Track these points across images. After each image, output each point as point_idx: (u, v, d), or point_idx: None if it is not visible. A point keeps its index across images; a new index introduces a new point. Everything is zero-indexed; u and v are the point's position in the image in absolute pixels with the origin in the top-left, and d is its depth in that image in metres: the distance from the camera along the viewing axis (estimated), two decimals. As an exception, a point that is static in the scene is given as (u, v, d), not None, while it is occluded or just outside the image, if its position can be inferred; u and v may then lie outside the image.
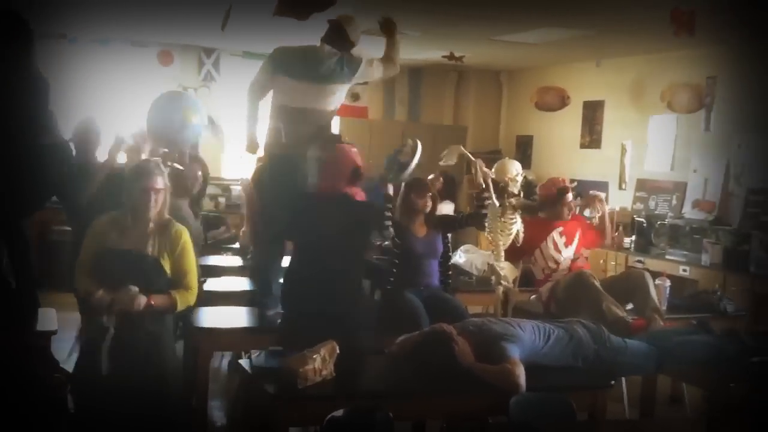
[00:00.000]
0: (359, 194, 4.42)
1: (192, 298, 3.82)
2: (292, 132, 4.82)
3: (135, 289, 3.58)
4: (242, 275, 5.98)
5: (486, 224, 5.25)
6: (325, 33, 4.97)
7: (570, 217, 5.79)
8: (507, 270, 5.59)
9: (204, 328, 4.60)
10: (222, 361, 6.45)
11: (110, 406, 3.46)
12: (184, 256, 3.78)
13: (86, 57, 9.33)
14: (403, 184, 5.14)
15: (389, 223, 4.91)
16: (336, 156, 4.43)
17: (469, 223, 5.42)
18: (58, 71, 9.00)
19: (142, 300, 3.59)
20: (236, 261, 6.58)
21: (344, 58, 4.90)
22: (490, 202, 5.14)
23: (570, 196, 5.79)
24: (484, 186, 5.17)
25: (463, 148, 5.33)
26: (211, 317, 4.76)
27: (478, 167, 5.19)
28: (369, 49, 5.55)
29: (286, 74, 4.82)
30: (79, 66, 9.21)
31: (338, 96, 4.95)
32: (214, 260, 6.62)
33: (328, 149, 4.55)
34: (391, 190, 4.94)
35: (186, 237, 3.80)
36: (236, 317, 4.92)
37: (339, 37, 4.91)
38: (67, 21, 8.22)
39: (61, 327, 4.41)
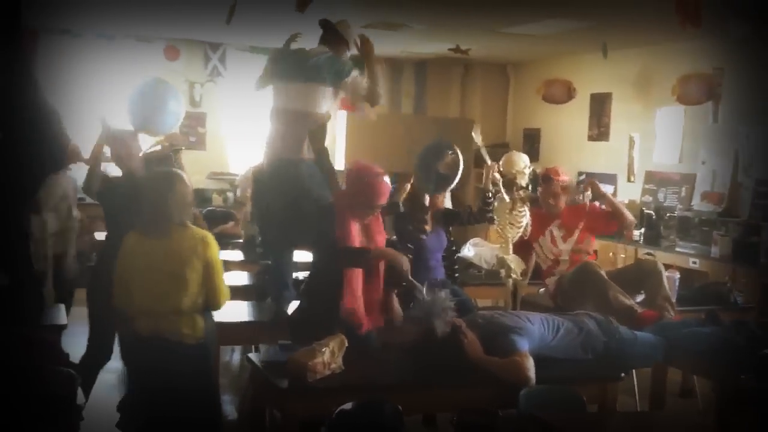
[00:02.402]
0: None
1: None
2: (283, 135, 4.81)
3: None
4: (248, 270, 5.97)
5: (494, 218, 5.29)
6: (323, 33, 4.99)
7: (560, 207, 5.74)
8: (515, 263, 5.60)
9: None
10: (232, 355, 6.46)
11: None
12: None
13: (91, 53, 9.32)
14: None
15: (425, 230, 4.92)
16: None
17: (472, 221, 5.45)
18: (62, 67, 9.04)
19: None
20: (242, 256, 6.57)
21: (333, 59, 4.84)
22: (493, 206, 5.21)
23: (556, 185, 5.73)
24: (492, 190, 5.20)
25: (483, 150, 5.36)
26: (219, 311, 4.75)
27: (491, 172, 5.21)
28: (374, 41, 5.49)
29: (276, 76, 4.88)
30: (84, 62, 9.21)
31: (325, 98, 4.85)
32: (221, 255, 6.61)
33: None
34: (427, 200, 4.94)
35: None
36: (243, 311, 4.92)
37: (330, 35, 4.92)
38: (71, 16, 8.21)
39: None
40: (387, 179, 4.21)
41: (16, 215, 4.23)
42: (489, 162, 5.28)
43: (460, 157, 4.91)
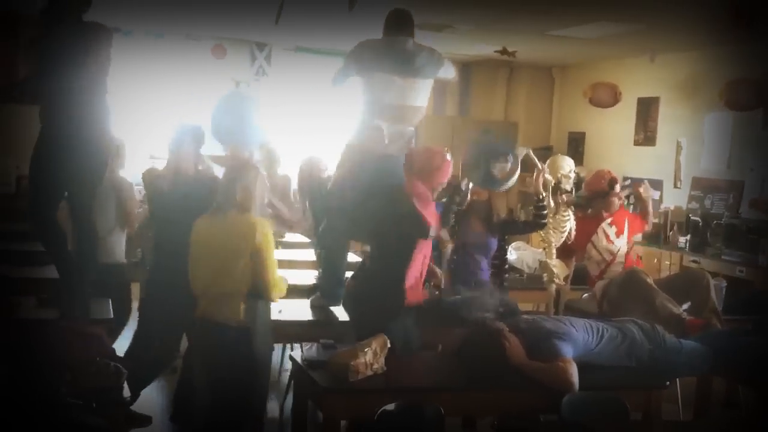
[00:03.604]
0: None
1: None
2: (394, 130, 4.78)
3: None
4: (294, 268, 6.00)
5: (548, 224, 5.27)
6: (396, 24, 4.88)
7: (619, 207, 5.73)
8: (558, 268, 5.56)
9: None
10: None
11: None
12: None
13: (141, 50, 9.45)
14: None
15: (453, 209, 4.85)
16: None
17: (528, 230, 5.42)
18: (113, 64, 9.18)
19: None
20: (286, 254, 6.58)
21: (432, 52, 4.89)
22: (548, 212, 5.14)
23: (618, 187, 5.73)
24: (543, 194, 5.13)
25: (531, 153, 5.29)
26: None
27: (541, 176, 5.14)
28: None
29: (380, 69, 4.73)
30: (135, 59, 9.34)
31: (427, 92, 4.91)
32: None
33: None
34: (463, 185, 4.89)
35: None
36: (288, 310, 4.96)
37: (411, 26, 4.90)
38: (122, 14, 8.34)
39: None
40: (449, 156, 4.31)
41: (76, 212, 4.31)
42: (539, 166, 5.20)
43: (519, 166, 4.86)
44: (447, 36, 8.55)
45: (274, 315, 4.30)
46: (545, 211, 5.11)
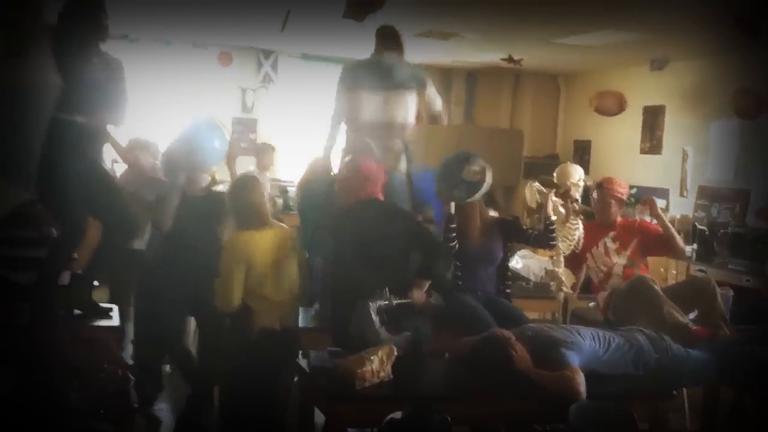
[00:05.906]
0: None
1: None
2: (379, 146, 4.87)
3: None
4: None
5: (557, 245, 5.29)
6: (382, 40, 5.06)
7: (611, 218, 5.65)
8: (566, 276, 5.54)
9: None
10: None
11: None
12: None
13: (148, 57, 9.47)
14: None
15: (453, 239, 4.87)
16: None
17: (534, 244, 5.41)
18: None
19: None
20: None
21: (412, 66, 4.99)
22: (555, 234, 5.16)
23: (606, 195, 5.64)
24: (553, 218, 5.14)
25: (538, 185, 5.36)
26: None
27: (549, 200, 5.18)
28: (426, 51, 5.52)
29: (361, 89, 4.91)
30: (141, 66, 9.36)
31: (408, 105, 4.95)
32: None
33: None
34: (453, 208, 4.91)
35: None
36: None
37: (396, 42, 5.00)
38: (129, 21, 8.36)
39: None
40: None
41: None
42: (544, 190, 5.28)
43: (488, 167, 4.88)
44: (453, 44, 8.56)
45: None
46: (554, 234, 5.12)
